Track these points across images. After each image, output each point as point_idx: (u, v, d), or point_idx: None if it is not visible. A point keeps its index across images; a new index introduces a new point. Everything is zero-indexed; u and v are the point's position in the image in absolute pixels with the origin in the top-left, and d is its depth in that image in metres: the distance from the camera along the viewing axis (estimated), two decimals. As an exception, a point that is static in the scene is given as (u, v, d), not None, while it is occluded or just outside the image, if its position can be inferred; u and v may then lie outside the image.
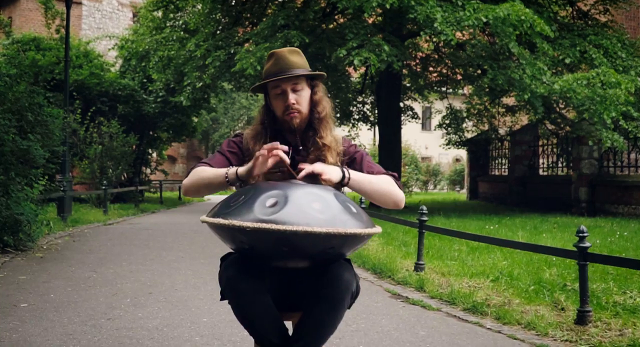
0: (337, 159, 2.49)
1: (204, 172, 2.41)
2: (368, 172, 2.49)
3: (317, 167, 2.27)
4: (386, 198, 2.43)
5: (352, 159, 2.55)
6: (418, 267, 6.38)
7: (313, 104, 2.51)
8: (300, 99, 2.46)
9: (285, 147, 2.25)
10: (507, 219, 12.35)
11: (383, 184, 2.42)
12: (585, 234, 4.36)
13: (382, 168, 2.57)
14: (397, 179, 2.50)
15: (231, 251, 2.32)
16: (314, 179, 2.29)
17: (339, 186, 2.38)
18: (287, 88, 2.43)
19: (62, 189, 10.91)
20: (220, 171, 2.36)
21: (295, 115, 2.45)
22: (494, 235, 9.11)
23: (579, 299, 4.34)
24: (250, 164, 2.28)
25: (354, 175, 2.38)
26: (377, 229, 2.18)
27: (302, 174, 2.24)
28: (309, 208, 2.01)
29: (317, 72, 2.53)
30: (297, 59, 2.45)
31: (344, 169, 2.36)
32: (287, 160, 2.25)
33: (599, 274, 5.81)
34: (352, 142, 2.64)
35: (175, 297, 5.08)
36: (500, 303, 4.89)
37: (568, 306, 4.67)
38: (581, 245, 4.33)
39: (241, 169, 2.33)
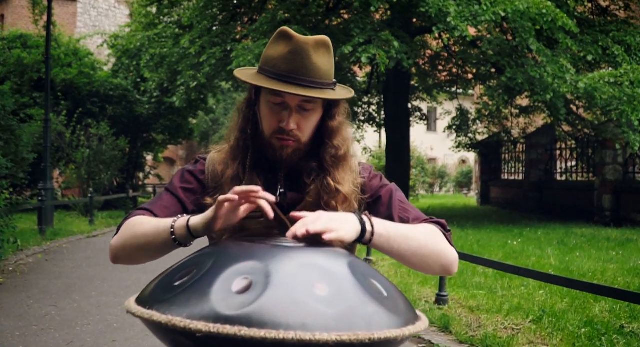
0: (353, 198, 1.52)
1: (140, 225, 1.44)
2: (401, 219, 1.52)
3: (316, 223, 1.26)
4: (431, 261, 1.45)
5: (375, 199, 1.57)
6: (440, 300, 5.44)
7: (327, 133, 1.52)
8: (305, 123, 1.48)
9: (269, 195, 1.31)
10: (528, 230, 11.36)
11: (427, 240, 1.44)
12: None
13: (420, 212, 1.58)
14: (445, 229, 1.51)
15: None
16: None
17: (355, 243, 1.44)
18: (292, 104, 1.44)
19: (40, 198, 9.89)
20: (164, 224, 1.39)
21: (289, 144, 1.47)
22: (520, 253, 8.15)
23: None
24: (210, 212, 1.32)
25: (381, 227, 1.38)
26: (422, 323, 1.23)
27: (289, 234, 1.25)
28: (307, 294, 1.11)
29: (347, 96, 1.50)
30: (323, 61, 1.42)
31: (364, 219, 1.36)
32: (271, 212, 1.30)
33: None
34: (375, 171, 1.63)
35: (143, 348, 4.10)
36: (549, 355, 3.94)
37: (635, 360, 3.73)
38: (662, 289, 3.36)
39: (195, 220, 1.36)
